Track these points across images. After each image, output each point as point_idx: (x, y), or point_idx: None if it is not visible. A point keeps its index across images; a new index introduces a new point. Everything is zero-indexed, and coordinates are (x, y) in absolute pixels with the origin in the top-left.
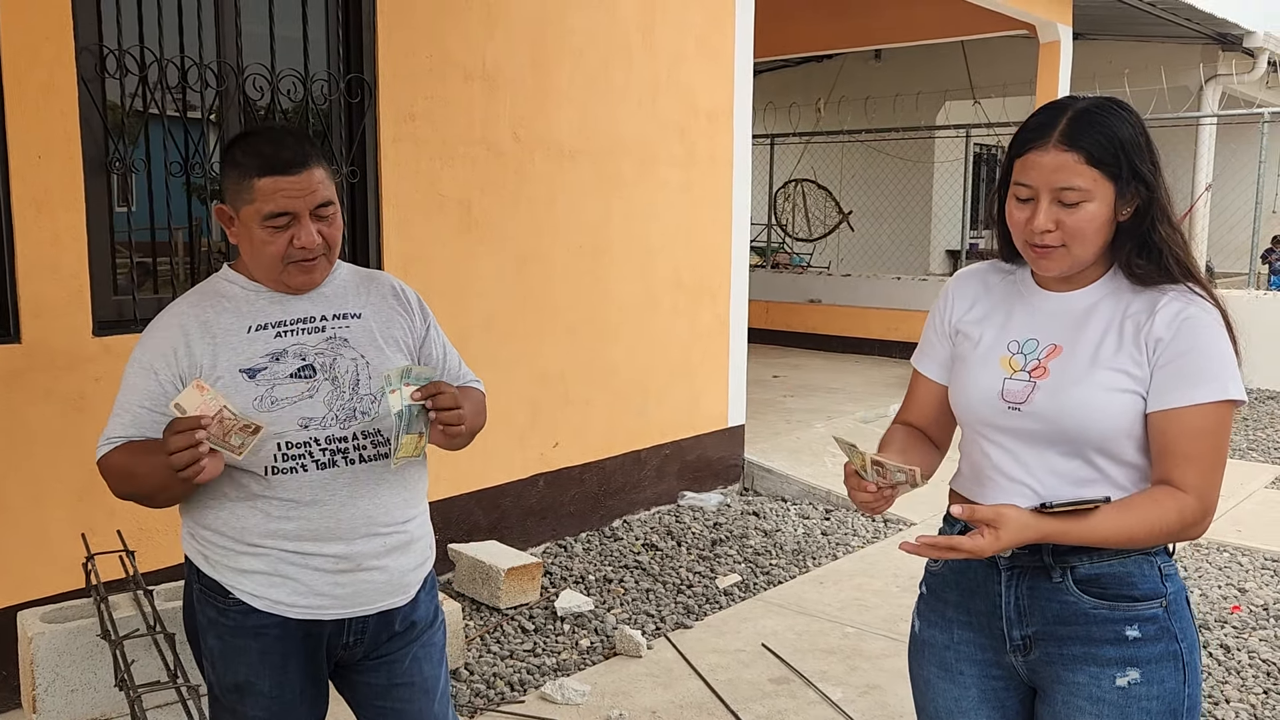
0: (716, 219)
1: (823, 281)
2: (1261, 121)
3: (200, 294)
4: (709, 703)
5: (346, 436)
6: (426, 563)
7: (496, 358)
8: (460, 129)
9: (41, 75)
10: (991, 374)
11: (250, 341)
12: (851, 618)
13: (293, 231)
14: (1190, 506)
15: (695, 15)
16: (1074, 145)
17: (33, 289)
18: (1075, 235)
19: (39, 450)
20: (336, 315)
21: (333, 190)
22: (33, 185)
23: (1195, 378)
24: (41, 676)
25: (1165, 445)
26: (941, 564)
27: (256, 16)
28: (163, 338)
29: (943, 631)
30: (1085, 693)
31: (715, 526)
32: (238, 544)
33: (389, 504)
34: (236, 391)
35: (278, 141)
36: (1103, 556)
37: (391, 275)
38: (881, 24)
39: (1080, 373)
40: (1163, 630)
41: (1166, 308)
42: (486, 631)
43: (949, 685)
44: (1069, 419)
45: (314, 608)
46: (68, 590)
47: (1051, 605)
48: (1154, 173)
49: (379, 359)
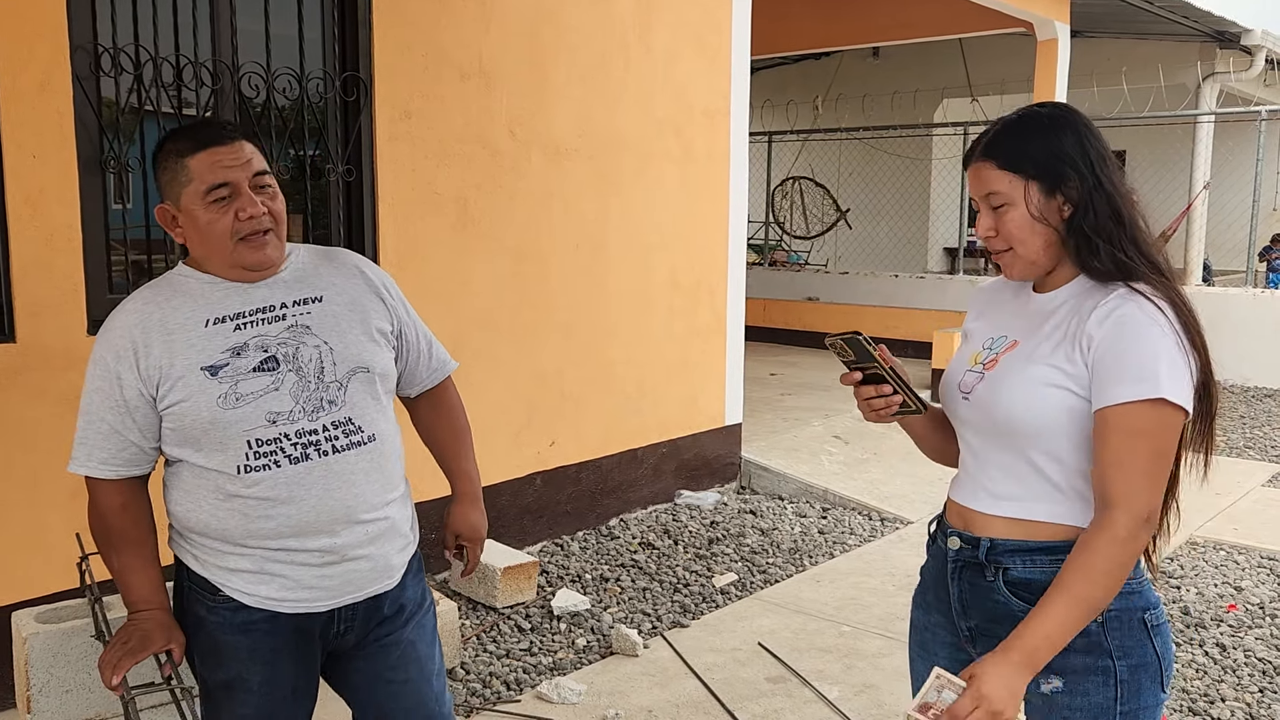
0: (713, 217)
1: (820, 279)
2: (1259, 119)
3: (154, 289)
4: (705, 702)
5: (316, 429)
6: (410, 545)
7: (493, 356)
8: (456, 127)
9: (37, 74)
10: (959, 365)
11: (209, 336)
12: (848, 616)
13: (236, 205)
14: (1119, 524)
15: (692, 12)
16: (989, 154)
17: (28, 288)
18: (1011, 238)
19: (34, 450)
20: (297, 301)
21: (266, 164)
22: (27, 184)
23: (1122, 375)
24: (36, 677)
25: (1098, 449)
26: (929, 552)
27: (252, 14)
28: (120, 334)
29: (923, 614)
30: None
31: (712, 525)
32: (223, 544)
33: (366, 492)
34: (200, 391)
35: (203, 123)
36: (1037, 563)
37: (353, 253)
38: (879, 21)
39: (1019, 366)
40: (1093, 644)
41: (1102, 306)
42: (483, 630)
43: (924, 665)
44: (998, 410)
45: (303, 601)
46: (62, 590)
47: (986, 603)
48: (1089, 170)
49: (342, 344)
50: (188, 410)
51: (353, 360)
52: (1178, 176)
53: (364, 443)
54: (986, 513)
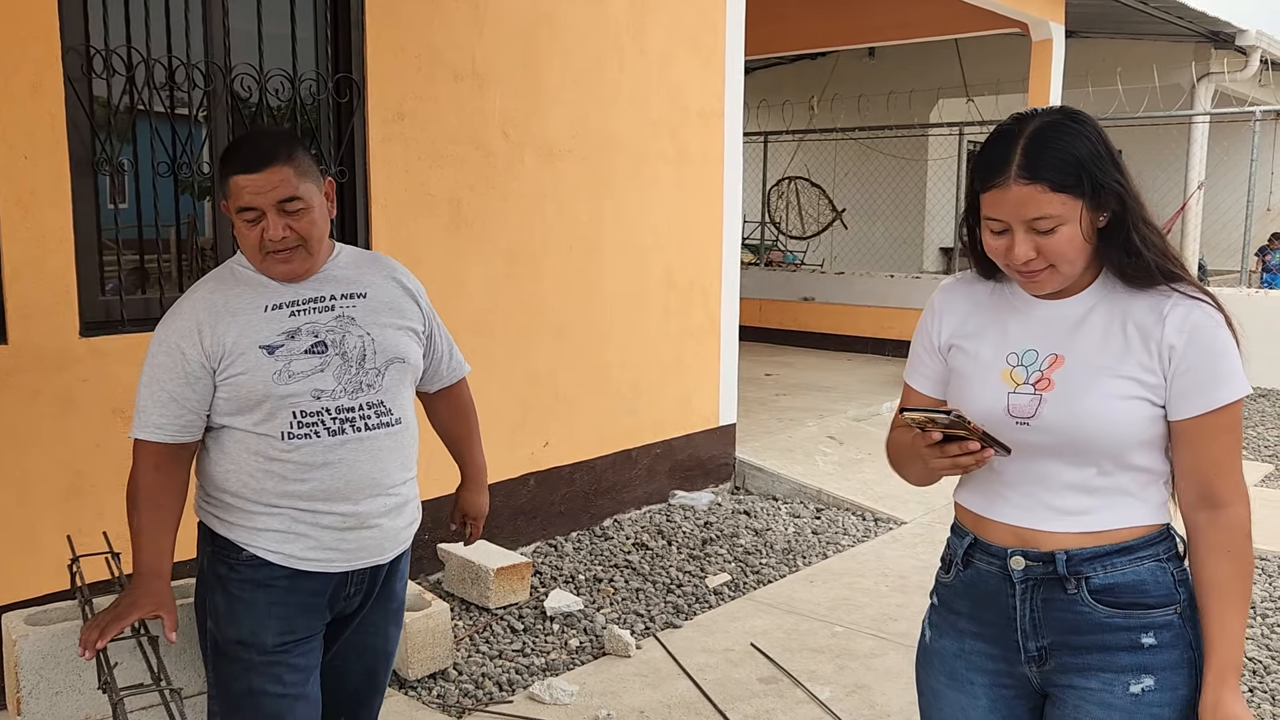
0: (708, 218)
1: (816, 279)
2: (1253, 120)
3: (217, 279)
4: (697, 702)
5: (354, 407)
6: (416, 521)
7: (487, 357)
8: (450, 128)
9: (29, 75)
10: (994, 389)
11: (268, 320)
12: (841, 617)
13: (262, 225)
14: (1243, 517)
15: (687, 13)
16: (1036, 177)
17: (20, 290)
18: (1058, 257)
19: (26, 451)
20: (344, 295)
21: (303, 187)
22: (19, 185)
23: (1214, 381)
24: (26, 679)
25: (1196, 454)
26: (953, 574)
27: (244, 15)
28: (187, 317)
29: (953, 641)
30: (1096, 698)
31: (706, 526)
32: (254, 504)
33: (389, 467)
34: (258, 366)
35: (251, 142)
36: (1116, 566)
37: (392, 259)
38: (875, 22)
39: (1087, 382)
40: (1178, 637)
41: (1174, 313)
42: (475, 631)
43: (958, 694)
44: (1081, 430)
45: (324, 560)
46: (54, 591)
47: (1067, 616)
48: (1121, 178)
49: (382, 336)
50: (245, 382)
51: (391, 351)
52: (1173, 177)
53: (392, 424)
54: (1053, 530)
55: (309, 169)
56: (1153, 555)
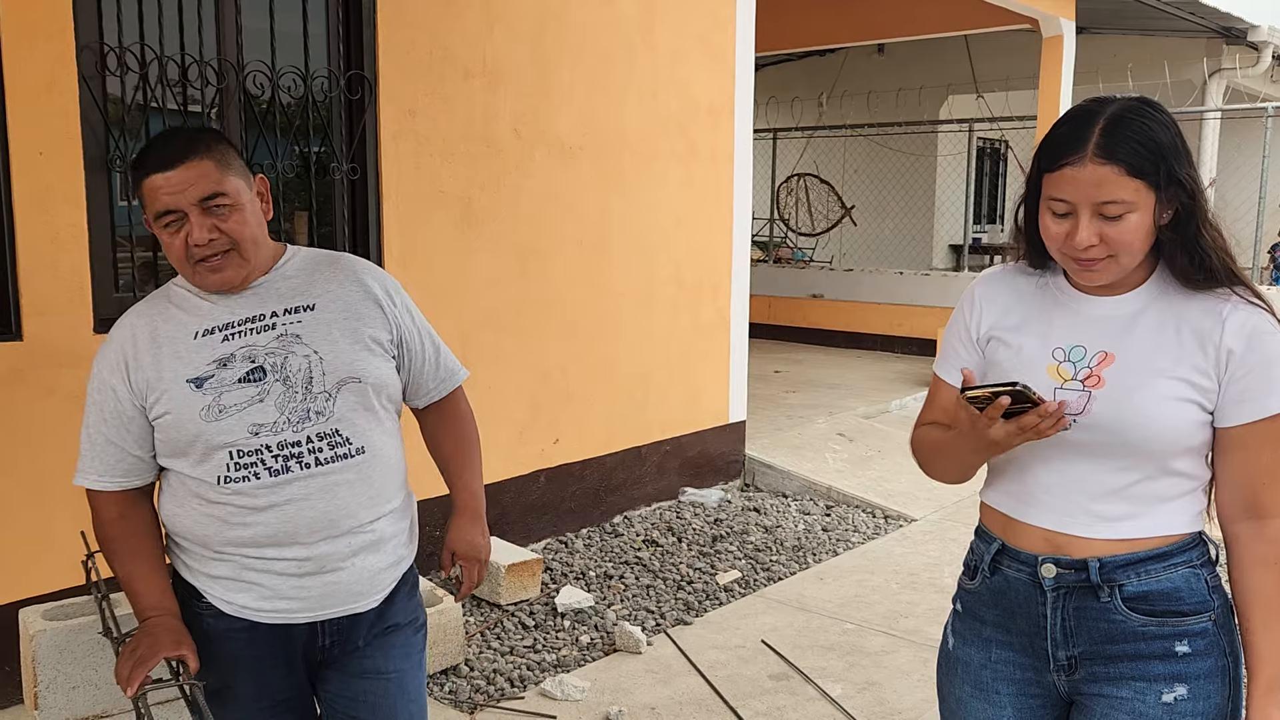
0: (717, 215)
1: (825, 276)
2: (1266, 116)
3: (149, 302)
4: (708, 699)
5: (300, 440)
6: (402, 562)
7: (497, 354)
8: (461, 125)
9: (43, 73)
10: (1039, 384)
11: (197, 349)
12: (851, 614)
13: (185, 230)
14: None
15: (696, 10)
16: (1113, 158)
17: (34, 286)
18: (1122, 246)
19: (40, 447)
20: (288, 310)
21: (228, 183)
22: (34, 183)
23: (1270, 388)
24: (43, 673)
25: (1246, 462)
26: (978, 581)
27: (257, 13)
28: (115, 349)
29: (979, 650)
30: (1127, 707)
31: (716, 523)
32: (203, 550)
33: (352, 505)
34: (184, 403)
35: (164, 138)
36: (1150, 573)
37: (356, 259)
38: (884, 18)
39: (1140, 380)
40: (1212, 645)
41: (1233, 317)
42: (487, 628)
43: (983, 704)
44: (1132, 429)
45: (281, 612)
46: (69, 587)
47: (1100, 625)
48: (1193, 175)
49: (332, 354)
50: (172, 422)
51: (343, 370)
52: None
53: (350, 455)
54: (1088, 536)
55: (233, 163)
56: (1186, 561)
